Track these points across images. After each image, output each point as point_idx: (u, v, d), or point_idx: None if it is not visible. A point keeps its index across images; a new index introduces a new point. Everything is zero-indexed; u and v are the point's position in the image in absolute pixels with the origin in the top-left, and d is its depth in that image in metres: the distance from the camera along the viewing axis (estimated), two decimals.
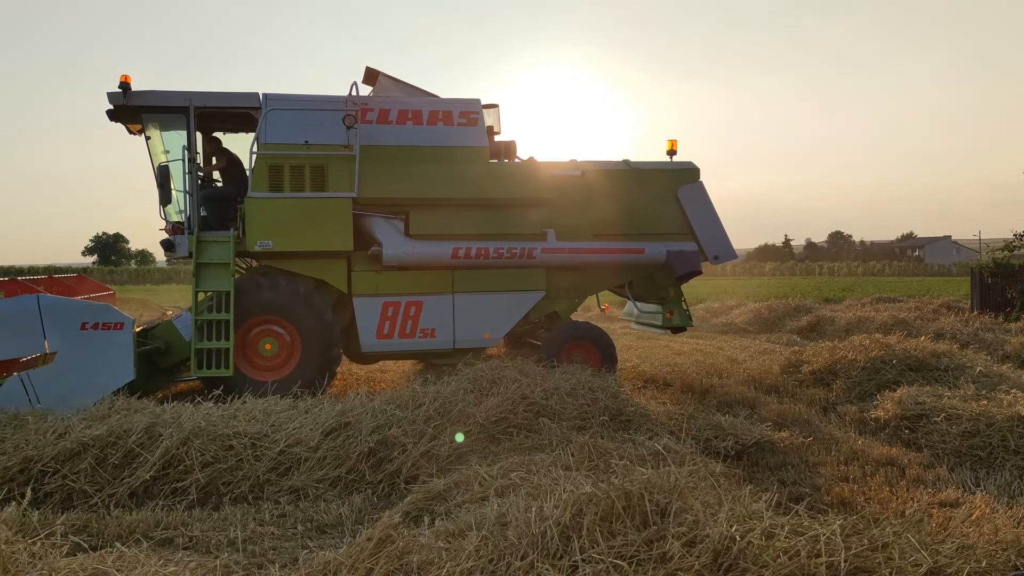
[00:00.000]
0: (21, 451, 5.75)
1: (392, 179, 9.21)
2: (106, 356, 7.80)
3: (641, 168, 10.48)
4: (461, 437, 6.31)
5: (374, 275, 9.37)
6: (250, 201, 8.88)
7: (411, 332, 9.45)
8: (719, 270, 71.27)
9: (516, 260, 9.51)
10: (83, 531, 4.76)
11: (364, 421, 6.33)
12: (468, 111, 9.59)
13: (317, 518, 5.25)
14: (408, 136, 9.37)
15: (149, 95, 9.03)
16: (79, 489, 5.56)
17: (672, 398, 9.07)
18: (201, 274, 8.72)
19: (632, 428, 6.64)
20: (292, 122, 9.08)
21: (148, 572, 3.34)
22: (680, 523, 3.49)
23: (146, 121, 9.41)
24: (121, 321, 7.89)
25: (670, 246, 10.13)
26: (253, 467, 5.85)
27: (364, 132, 9.15)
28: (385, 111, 9.37)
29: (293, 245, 9.00)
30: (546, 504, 3.71)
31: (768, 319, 18.84)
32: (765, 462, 6.45)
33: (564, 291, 10.32)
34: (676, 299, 10.63)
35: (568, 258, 9.79)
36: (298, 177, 8.98)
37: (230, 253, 8.75)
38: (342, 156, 9.06)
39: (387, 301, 9.38)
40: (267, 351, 9.05)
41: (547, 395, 6.93)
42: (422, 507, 5.04)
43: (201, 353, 8.53)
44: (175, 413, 6.34)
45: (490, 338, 9.75)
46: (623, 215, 10.20)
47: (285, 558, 4.27)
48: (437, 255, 9.29)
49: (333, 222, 8.98)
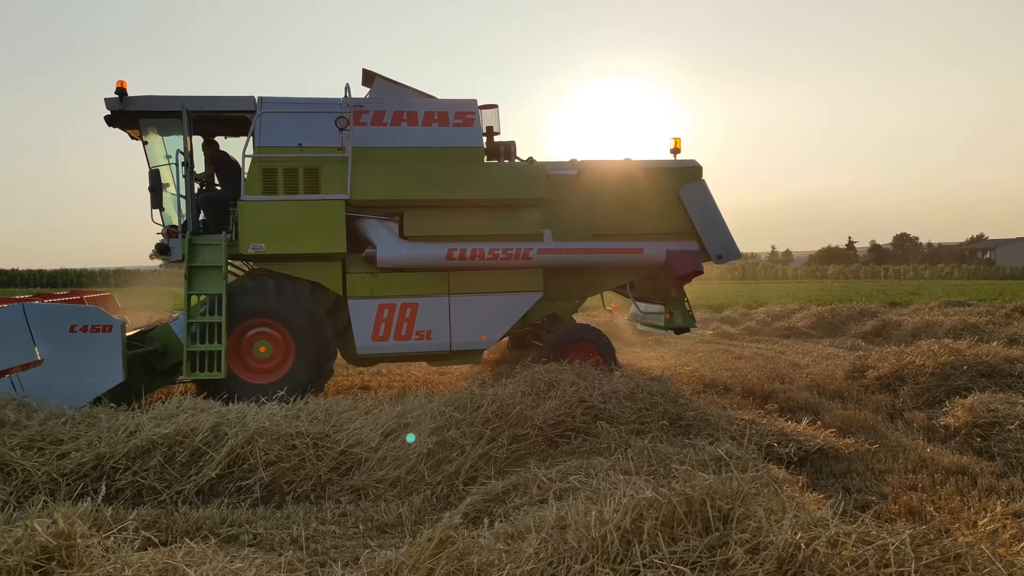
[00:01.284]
0: (94, 448, 5.95)
1: (385, 181, 9.20)
2: (95, 358, 7.87)
3: (643, 167, 10.32)
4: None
5: (369, 277, 9.35)
6: (243, 204, 8.93)
7: (407, 334, 9.41)
8: (779, 273, 69.93)
9: (512, 261, 9.41)
10: (153, 526, 4.89)
11: (423, 423, 6.39)
12: (464, 112, 9.53)
13: (377, 518, 5.30)
14: (402, 137, 9.35)
15: (144, 100, 9.09)
16: (149, 486, 5.73)
17: (732, 403, 8.93)
18: (193, 277, 8.79)
19: (692, 433, 6.55)
20: (286, 125, 9.11)
21: (216, 568, 3.41)
22: (743, 529, 3.43)
23: (143, 126, 9.44)
24: (110, 324, 7.99)
25: (670, 246, 9.97)
26: (315, 466, 5.95)
27: (358, 134, 9.15)
28: (380, 113, 9.35)
29: (286, 248, 9.03)
30: (606, 508, 3.68)
31: (831, 323, 18.41)
32: (829, 469, 6.30)
33: (564, 292, 10.24)
34: (679, 299, 10.47)
35: (565, 258, 9.68)
36: (292, 180, 9.02)
37: (222, 256, 8.80)
38: (335, 158, 9.08)
39: (382, 303, 9.35)
40: (261, 354, 9.10)
41: (605, 399, 6.88)
42: (481, 509, 5.06)
43: (194, 356, 8.60)
44: (240, 413, 6.47)
45: (487, 340, 9.67)
46: (623, 215, 10.07)
47: (347, 557, 4.33)
48: (432, 257, 9.25)
49: (326, 225, 9.00)
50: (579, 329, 10.03)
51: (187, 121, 9.04)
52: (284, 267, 9.24)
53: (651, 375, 8.21)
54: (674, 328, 10.55)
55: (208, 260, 8.84)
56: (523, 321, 10.06)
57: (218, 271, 8.77)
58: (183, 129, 9.08)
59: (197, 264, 8.81)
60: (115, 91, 8.99)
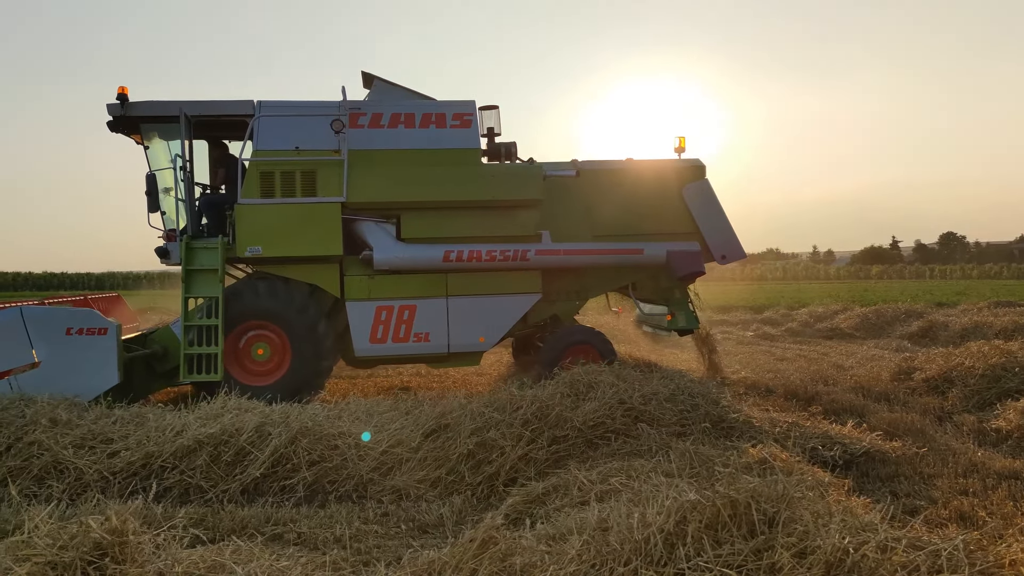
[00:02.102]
0: (143, 447, 6.07)
1: (381, 183, 9.21)
2: (91, 360, 8.04)
3: (644, 166, 10.22)
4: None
5: (367, 280, 9.36)
6: (240, 208, 9.02)
7: (405, 336, 9.39)
8: (822, 273, 68.86)
9: (510, 262, 9.38)
10: (200, 524, 4.98)
11: (463, 423, 6.41)
12: (462, 113, 9.51)
13: (419, 518, 5.34)
14: (399, 140, 9.36)
15: (144, 106, 9.21)
16: (195, 484, 5.82)
17: (775, 405, 8.81)
18: (190, 280, 8.88)
19: (735, 435, 6.48)
20: (284, 128, 9.18)
21: (262, 565, 3.47)
22: (789, 533, 3.38)
23: (146, 131, 9.55)
24: (105, 327, 8.15)
25: (670, 246, 9.87)
26: (357, 467, 6.00)
27: (355, 137, 9.18)
28: (378, 115, 9.37)
29: (282, 251, 9.08)
30: (649, 510, 3.66)
31: (876, 324, 18.09)
32: (876, 473, 6.18)
33: (564, 293, 10.17)
34: (682, 300, 10.35)
35: (563, 260, 9.63)
36: (289, 183, 9.08)
37: (219, 259, 8.87)
38: (331, 161, 9.12)
39: (380, 305, 9.35)
40: (259, 356, 9.17)
41: (645, 400, 6.84)
42: (521, 510, 5.06)
43: (192, 358, 8.70)
44: (283, 413, 6.55)
45: (485, 342, 9.62)
46: (624, 215, 9.99)
47: (389, 556, 4.36)
48: (428, 258, 9.26)
49: (322, 227, 9.04)
50: (579, 332, 9.94)
51: (185, 125, 9.14)
52: (282, 270, 9.31)
53: (692, 376, 8.15)
54: (677, 329, 10.46)
55: (205, 263, 8.93)
56: (523, 323, 10.02)
57: (215, 274, 8.86)
58: (181, 134, 9.17)
59: (194, 267, 8.91)
60: (116, 96, 9.14)
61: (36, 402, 6.85)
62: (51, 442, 6.07)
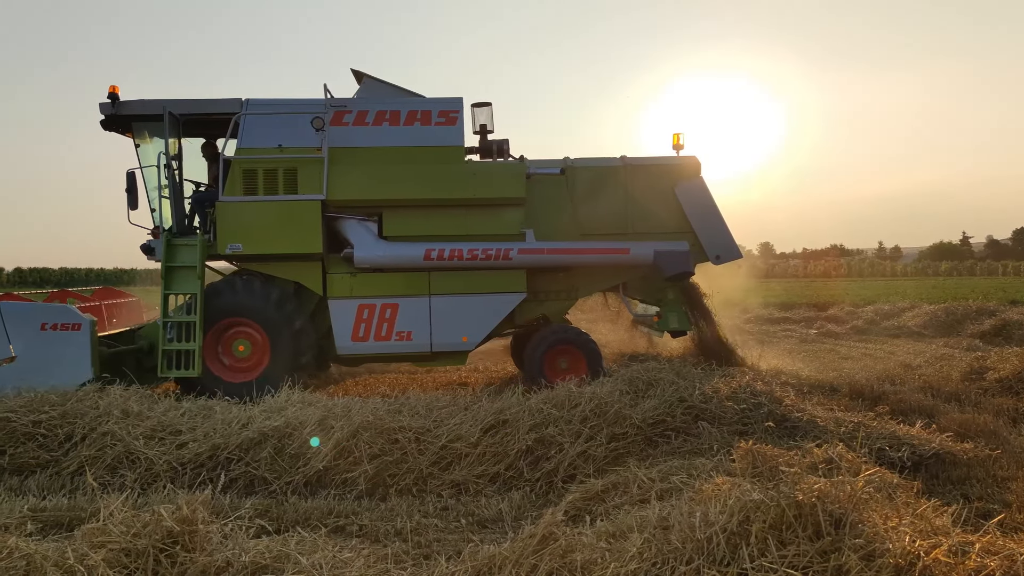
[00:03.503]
0: (210, 439, 6.25)
1: (362, 180, 9.21)
2: (65, 355, 8.19)
3: (634, 164, 10.01)
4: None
5: (349, 277, 9.37)
6: (221, 205, 9.10)
7: (387, 335, 9.35)
8: (888, 269, 66.98)
9: (492, 261, 9.27)
10: (264, 515, 5.09)
11: (522, 419, 6.42)
12: (447, 110, 9.46)
13: (478, 512, 5.37)
14: (382, 137, 9.35)
15: (132, 104, 9.36)
16: (260, 476, 5.97)
17: (840, 404, 8.59)
18: (170, 277, 8.97)
19: (798, 435, 6.36)
20: (268, 127, 9.24)
21: (326, 557, 3.53)
22: (857, 535, 3.29)
23: (137, 130, 9.67)
24: (79, 322, 8.31)
25: (658, 246, 9.64)
26: (417, 461, 6.06)
27: (338, 134, 9.20)
28: (363, 113, 9.36)
29: (263, 248, 9.15)
30: (711, 510, 3.61)
31: (945, 322, 17.50)
32: (946, 475, 5.98)
33: (553, 293, 10.03)
34: (675, 301, 10.13)
35: (547, 259, 9.48)
36: (272, 181, 9.13)
37: (197, 256, 8.95)
38: (313, 159, 9.12)
39: (362, 303, 9.34)
40: (240, 352, 9.27)
41: (706, 398, 6.77)
42: (580, 507, 5.05)
43: (171, 354, 8.80)
44: (345, 407, 6.66)
45: (468, 341, 9.54)
46: (616, 214, 9.85)
47: (449, 550, 4.40)
48: (410, 257, 9.21)
49: (301, 225, 9.08)
50: (561, 331, 9.81)
51: (171, 124, 9.27)
52: (265, 267, 9.42)
53: (753, 374, 8.01)
54: (669, 331, 10.28)
55: (185, 260, 9.04)
56: (510, 322, 9.94)
57: (194, 271, 8.95)
58: (165, 132, 9.30)
59: (174, 264, 9.03)
60: (108, 96, 9.31)
61: (109, 394, 7.11)
62: (123, 432, 6.30)
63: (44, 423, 6.47)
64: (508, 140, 10.01)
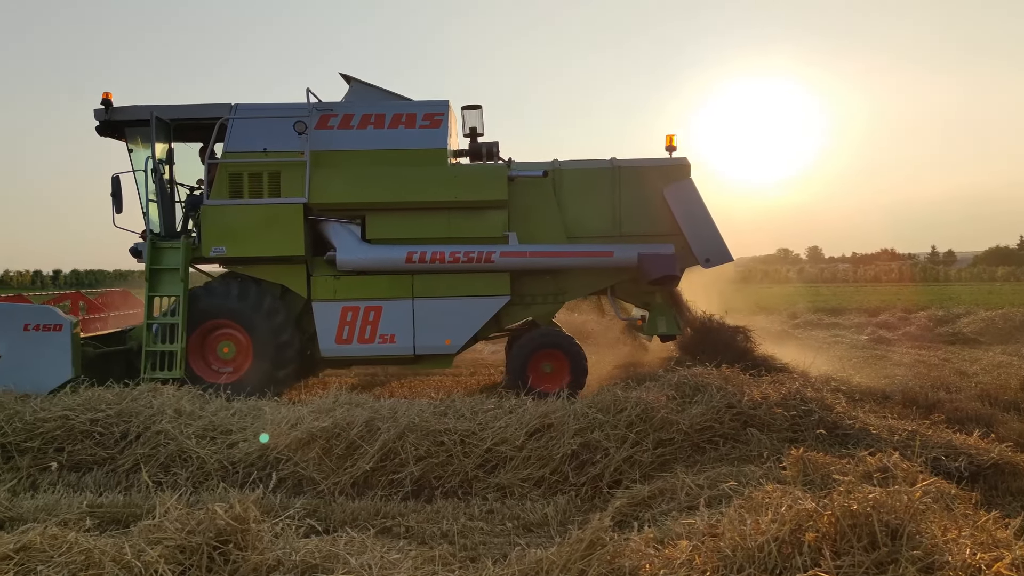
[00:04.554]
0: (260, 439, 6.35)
1: (344, 184, 9.25)
2: (47, 355, 8.37)
3: (621, 166, 9.85)
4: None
5: (332, 280, 9.42)
6: (205, 208, 9.23)
7: (370, 337, 9.37)
8: (941, 274, 65.34)
9: (475, 264, 9.23)
10: (313, 515, 5.16)
11: (567, 424, 6.40)
12: (432, 113, 9.48)
13: (523, 516, 5.36)
14: (366, 141, 9.39)
15: (123, 110, 9.53)
16: (308, 476, 6.04)
17: (893, 412, 8.39)
18: (155, 279, 9.14)
19: (850, 443, 6.22)
20: (254, 131, 9.34)
21: (374, 557, 3.55)
22: (914, 547, 3.21)
23: (130, 135, 9.82)
24: (60, 323, 8.50)
25: (642, 249, 9.47)
26: (462, 463, 6.09)
27: (323, 138, 9.28)
28: (349, 116, 9.42)
29: (246, 251, 9.25)
30: (762, 518, 3.55)
31: (1003, 329, 16.98)
32: (1006, 486, 5.79)
33: (540, 296, 9.92)
34: (664, 305, 9.93)
35: (530, 262, 9.42)
36: (257, 184, 9.25)
37: (180, 259, 9.09)
38: (296, 163, 9.20)
39: (346, 306, 9.39)
40: (225, 354, 9.40)
41: (755, 405, 6.65)
42: (627, 512, 5.02)
43: (155, 355, 8.96)
44: (391, 409, 6.70)
45: (451, 344, 9.49)
46: (604, 216, 9.74)
47: (495, 553, 4.40)
48: (391, 260, 9.23)
49: (284, 228, 9.17)
50: (546, 335, 9.72)
51: (156, 129, 9.42)
52: (252, 270, 9.53)
53: (803, 381, 7.86)
54: (658, 335, 10.11)
55: (169, 263, 9.22)
56: (496, 325, 9.91)
57: (177, 273, 9.13)
58: (151, 136, 9.46)
59: (159, 266, 9.21)
60: (101, 102, 9.49)
61: (163, 393, 7.27)
62: (176, 432, 6.43)
63: (101, 421, 6.64)
64: (498, 143, 10.07)
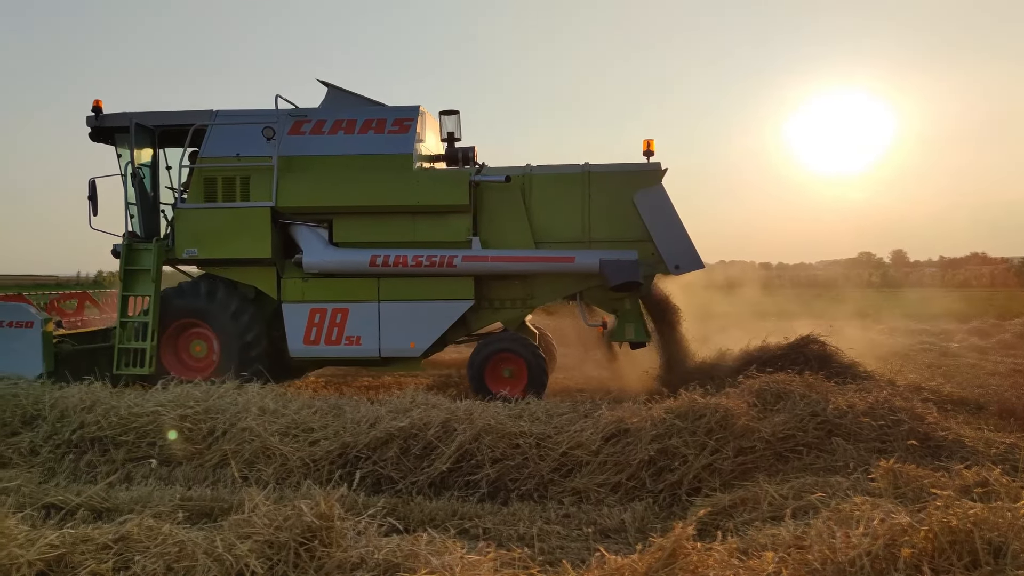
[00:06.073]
0: (340, 437, 6.48)
1: (310, 188, 9.46)
2: (18, 351, 8.77)
3: (592, 171, 9.68)
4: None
5: (301, 282, 9.65)
6: (178, 211, 9.60)
7: (337, 339, 9.56)
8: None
9: (437, 268, 9.30)
10: (392, 513, 5.21)
11: (644, 429, 6.31)
12: (401, 119, 9.61)
13: (600, 521, 5.32)
14: (336, 146, 9.57)
15: (111, 117, 9.91)
16: (386, 475, 6.13)
17: (988, 424, 8.01)
18: (129, 279, 9.55)
19: (943, 455, 5.95)
20: (230, 136, 9.63)
21: (455, 558, 3.56)
22: (1020, 566, 3.05)
23: (120, 141, 10.19)
24: (31, 320, 8.93)
25: (604, 255, 9.31)
26: (538, 466, 6.08)
27: (294, 143, 9.52)
28: (321, 122, 9.64)
29: (216, 253, 9.56)
30: (852, 531, 3.42)
31: None
32: None
33: (509, 301, 9.89)
34: (632, 312, 9.70)
35: (491, 267, 9.42)
36: (230, 188, 9.55)
37: (153, 260, 9.45)
38: (265, 167, 9.44)
39: (314, 308, 9.60)
40: (197, 353, 9.79)
41: (840, 413, 6.43)
42: (707, 521, 4.91)
43: (128, 352, 9.34)
44: (468, 410, 6.73)
45: (415, 347, 9.55)
46: (572, 222, 9.64)
47: (573, 558, 4.36)
48: (356, 263, 9.39)
49: (252, 231, 9.43)
50: (502, 339, 9.63)
51: (136, 135, 9.79)
52: (224, 272, 9.85)
53: (891, 389, 7.58)
54: (628, 342, 9.90)
55: (142, 264, 9.62)
56: (463, 329, 9.95)
57: (149, 274, 9.53)
58: (130, 142, 9.87)
59: (133, 267, 9.63)
60: (92, 109, 9.94)
61: (247, 391, 7.49)
62: (260, 429, 6.61)
63: (189, 417, 6.87)
64: (474, 147, 10.17)
